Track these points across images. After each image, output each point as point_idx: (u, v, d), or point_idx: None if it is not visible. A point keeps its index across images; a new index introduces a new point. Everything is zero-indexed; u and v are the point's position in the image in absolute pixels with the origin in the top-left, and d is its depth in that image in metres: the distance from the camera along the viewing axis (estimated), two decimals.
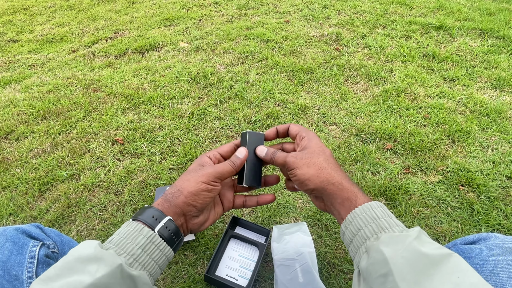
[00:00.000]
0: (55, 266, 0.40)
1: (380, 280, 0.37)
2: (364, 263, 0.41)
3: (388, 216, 0.43)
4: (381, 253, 0.38)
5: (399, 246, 0.38)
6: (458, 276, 0.34)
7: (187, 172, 0.51)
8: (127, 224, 0.46)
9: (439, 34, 1.90)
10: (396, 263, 0.36)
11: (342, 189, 0.47)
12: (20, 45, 2.11)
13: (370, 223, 0.43)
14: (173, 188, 0.49)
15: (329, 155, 0.51)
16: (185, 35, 2.00)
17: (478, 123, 1.31)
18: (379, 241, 0.40)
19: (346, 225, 0.46)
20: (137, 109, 1.41)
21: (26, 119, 1.36)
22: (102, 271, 0.39)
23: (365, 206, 0.44)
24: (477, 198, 1.05)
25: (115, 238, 0.44)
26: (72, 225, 0.99)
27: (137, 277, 0.42)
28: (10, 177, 1.12)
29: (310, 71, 1.60)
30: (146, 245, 0.44)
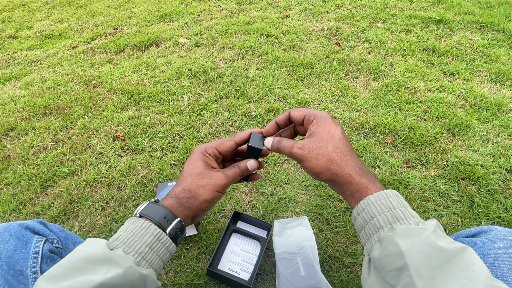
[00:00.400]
0: (62, 265, 0.40)
1: (395, 273, 0.37)
2: (376, 253, 0.40)
3: (403, 206, 0.42)
4: (397, 245, 0.37)
5: (415, 240, 0.37)
6: (473, 270, 0.34)
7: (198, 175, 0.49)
8: (133, 221, 0.46)
9: (439, 28, 1.89)
10: (413, 258, 0.36)
11: (351, 181, 0.45)
12: (19, 41, 2.10)
13: (385, 211, 0.41)
14: (186, 193, 0.49)
15: (339, 139, 0.47)
16: (185, 30, 1.99)
17: (478, 117, 1.31)
18: (395, 232, 0.39)
19: (358, 211, 0.44)
20: (137, 105, 1.41)
21: (26, 115, 1.36)
22: (112, 272, 0.39)
23: (380, 194, 0.43)
24: (477, 191, 1.05)
25: (122, 235, 0.45)
26: (74, 221, 0.99)
27: (147, 276, 0.42)
28: (12, 173, 1.13)
29: (310, 66, 1.60)
30: (153, 243, 0.44)
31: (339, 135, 0.48)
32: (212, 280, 0.85)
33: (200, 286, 0.85)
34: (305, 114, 0.51)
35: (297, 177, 1.10)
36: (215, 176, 0.50)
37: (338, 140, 0.47)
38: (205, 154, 0.52)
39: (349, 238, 0.94)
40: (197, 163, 0.51)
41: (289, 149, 0.49)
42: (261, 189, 1.07)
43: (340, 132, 0.48)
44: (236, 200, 1.04)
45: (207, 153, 0.52)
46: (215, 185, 0.49)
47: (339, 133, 0.48)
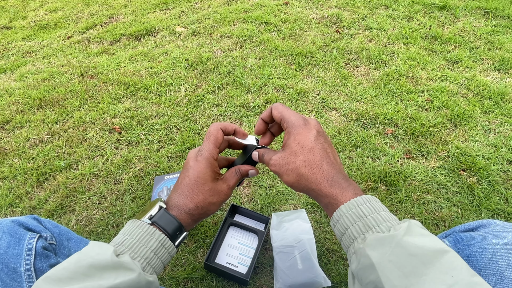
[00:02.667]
0: (67, 268, 0.39)
1: (371, 286, 0.36)
2: (354, 267, 0.39)
3: (375, 212, 0.40)
4: (368, 258, 0.36)
5: (386, 249, 0.36)
6: (453, 276, 0.33)
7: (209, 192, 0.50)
8: (138, 225, 0.46)
9: (442, 14, 1.84)
10: (384, 269, 0.35)
11: (321, 195, 0.44)
12: (13, 32, 2.07)
13: (357, 221, 0.40)
14: (199, 210, 0.50)
15: (309, 150, 0.45)
16: (182, 19, 1.95)
17: (481, 106, 1.29)
18: (366, 243, 0.37)
19: (333, 223, 0.43)
20: (133, 97, 1.39)
21: (22, 108, 1.35)
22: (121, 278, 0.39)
23: (351, 203, 0.41)
24: (478, 182, 1.04)
25: (126, 240, 0.44)
26: (71, 214, 0.99)
27: (152, 282, 0.43)
28: (8, 167, 1.12)
29: (309, 55, 1.57)
30: (157, 249, 0.45)
31: (308, 144, 0.46)
32: (210, 274, 0.85)
33: (198, 279, 0.85)
34: (281, 118, 0.50)
35: None
36: (222, 190, 0.51)
37: (308, 152, 0.45)
38: (213, 163, 0.51)
39: None
40: (207, 176, 0.50)
41: (267, 161, 0.50)
42: (259, 182, 1.06)
43: (311, 140, 0.46)
44: (233, 193, 1.03)
45: (214, 159, 0.52)
46: (224, 201, 0.52)
47: (310, 142, 0.46)
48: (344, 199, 0.42)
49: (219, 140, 0.52)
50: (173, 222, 0.47)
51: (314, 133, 0.47)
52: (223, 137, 0.53)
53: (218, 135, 0.52)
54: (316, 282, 0.78)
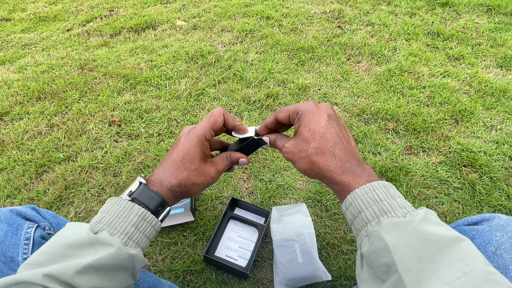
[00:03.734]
0: (44, 252, 0.39)
1: (383, 269, 0.36)
2: (365, 249, 0.39)
3: (391, 197, 0.40)
4: (383, 240, 0.35)
5: (401, 233, 0.35)
6: (468, 263, 0.32)
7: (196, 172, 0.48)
8: (115, 202, 0.45)
9: (444, 10, 1.83)
10: (398, 252, 0.34)
11: (333, 182, 0.44)
12: (12, 24, 2.05)
13: (372, 205, 0.40)
14: (182, 187, 0.48)
15: (320, 136, 0.44)
16: (182, 12, 1.93)
17: (483, 103, 1.28)
18: (381, 227, 0.37)
19: (346, 205, 0.43)
20: (133, 90, 1.37)
21: (20, 100, 1.33)
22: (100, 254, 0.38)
23: (367, 186, 0.41)
24: (480, 178, 1.03)
25: (105, 217, 0.43)
26: (70, 207, 0.98)
27: (135, 255, 0.42)
28: (6, 159, 1.11)
29: (311, 50, 1.56)
30: (138, 223, 0.44)
31: (320, 130, 0.45)
32: (209, 267, 0.85)
33: (197, 272, 0.84)
34: (289, 113, 0.49)
35: None
36: (209, 173, 0.49)
37: (319, 138, 0.45)
38: (204, 142, 0.49)
39: (347, 225, 0.93)
40: (195, 155, 0.48)
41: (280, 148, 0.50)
42: (259, 176, 1.05)
43: (323, 125, 0.45)
44: (233, 186, 1.02)
45: (207, 139, 0.49)
46: (207, 183, 0.50)
47: (321, 127, 0.45)
48: (357, 185, 0.42)
49: (218, 125, 0.50)
50: (154, 198, 0.46)
51: (325, 117, 0.46)
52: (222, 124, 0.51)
53: (219, 119, 0.50)
54: (316, 275, 0.77)
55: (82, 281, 0.37)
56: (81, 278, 0.37)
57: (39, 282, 0.35)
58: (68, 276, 0.36)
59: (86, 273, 0.37)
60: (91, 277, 0.38)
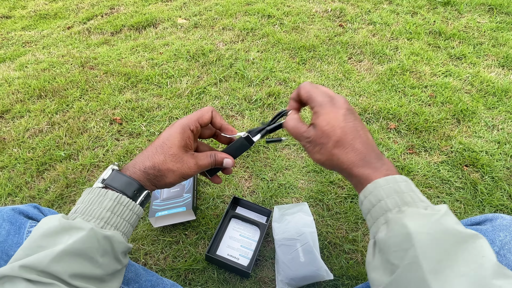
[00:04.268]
0: (22, 248, 0.39)
1: (400, 254, 0.36)
2: (382, 235, 0.39)
3: (412, 191, 0.41)
4: (405, 227, 0.36)
5: (424, 222, 0.36)
6: (484, 256, 0.33)
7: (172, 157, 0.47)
8: (89, 191, 0.45)
9: (446, 10, 1.82)
10: (420, 240, 0.35)
11: (352, 174, 0.44)
12: (13, 21, 2.04)
13: (393, 195, 0.40)
14: (155, 171, 0.47)
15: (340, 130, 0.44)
16: (183, 10, 1.93)
17: (484, 103, 1.28)
18: (403, 214, 0.38)
19: (365, 194, 0.43)
20: (134, 88, 1.37)
21: (21, 98, 1.33)
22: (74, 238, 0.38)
23: (390, 177, 0.41)
24: (481, 178, 1.03)
25: (79, 207, 0.43)
26: (71, 205, 0.98)
27: (111, 236, 0.41)
28: (7, 157, 1.11)
29: (312, 49, 1.55)
30: (114, 207, 0.43)
31: (339, 124, 0.45)
32: (211, 265, 0.85)
33: (199, 271, 0.84)
34: (308, 98, 0.48)
35: (298, 163, 1.08)
36: (187, 163, 0.48)
37: (340, 132, 0.44)
38: (187, 131, 0.49)
39: (349, 225, 0.93)
40: (175, 141, 0.48)
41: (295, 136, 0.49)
42: (261, 175, 1.05)
43: (341, 119, 0.45)
44: (235, 185, 1.02)
45: (190, 129, 0.49)
46: (184, 173, 0.48)
47: (340, 121, 0.45)
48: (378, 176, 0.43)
49: (204, 119, 0.51)
50: (127, 182, 0.45)
51: (343, 112, 0.46)
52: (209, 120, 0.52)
53: (206, 114, 0.51)
54: (318, 275, 0.77)
55: (59, 268, 0.37)
56: (58, 264, 0.37)
57: (16, 274, 0.35)
58: (45, 264, 0.36)
59: (63, 259, 0.37)
60: (69, 262, 0.37)
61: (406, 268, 0.35)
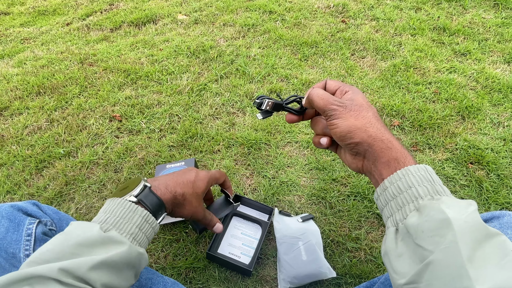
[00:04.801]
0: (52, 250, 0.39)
1: (436, 239, 0.35)
2: (414, 220, 0.38)
3: (442, 184, 0.41)
4: (443, 212, 0.36)
5: (462, 211, 0.36)
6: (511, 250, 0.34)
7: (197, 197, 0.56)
8: (119, 203, 0.46)
9: (450, 5, 1.80)
10: (460, 226, 0.35)
11: (391, 147, 0.43)
12: (11, 18, 2.03)
13: (425, 183, 0.40)
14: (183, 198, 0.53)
15: (376, 112, 0.46)
16: (183, 6, 1.90)
17: (490, 99, 1.26)
18: (440, 201, 0.38)
19: (392, 180, 0.42)
20: (134, 85, 1.36)
21: (20, 94, 1.32)
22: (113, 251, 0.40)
23: (420, 166, 0.41)
24: (487, 176, 1.02)
25: (109, 218, 0.44)
26: (71, 203, 0.97)
27: (143, 254, 0.45)
28: (6, 154, 1.09)
29: (314, 45, 1.53)
30: (141, 224, 0.46)
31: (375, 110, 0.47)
32: (212, 264, 0.84)
33: (200, 269, 0.83)
34: (340, 85, 0.50)
35: (300, 160, 1.06)
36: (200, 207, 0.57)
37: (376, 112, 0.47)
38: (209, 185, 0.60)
39: (352, 223, 0.92)
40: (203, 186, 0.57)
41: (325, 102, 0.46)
42: (263, 172, 1.03)
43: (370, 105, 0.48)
44: (236, 183, 1.01)
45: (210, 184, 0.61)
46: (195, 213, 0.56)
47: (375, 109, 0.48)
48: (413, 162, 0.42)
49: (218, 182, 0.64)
50: (159, 204, 0.50)
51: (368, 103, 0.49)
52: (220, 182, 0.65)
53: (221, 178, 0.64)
54: (321, 273, 0.76)
55: (95, 276, 0.38)
56: (95, 273, 0.38)
57: (54, 276, 0.35)
58: (83, 271, 0.37)
59: (99, 269, 0.39)
60: (103, 272, 0.39)
61: (443, 252, 0.34)
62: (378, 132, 0.44)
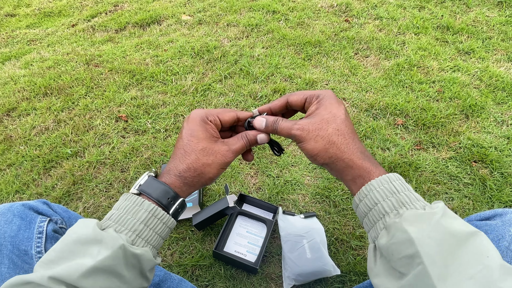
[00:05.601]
0: (55, 249, 0.39)
1: (405, 261, 0.35)
2: (384, 241, 0.38)
3: (407, 190, 0.40)
4: (406, 232, 0.35)
5: (425, 225, 0.35)
6: (488, 256, 0.33)
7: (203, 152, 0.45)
8: (126, 198, 0.43)
9: (454, 3, 1.80)
10: (423, 245, 0.34)
11: (352, 166, 0.42)
12: (17, 19, 2.05)
13: (389, 197, 0.39)
14: (191, 172, 0.44)
15: (341, 121, 0.44)
16: (187, 7, 1.92)
17: (493, 98, 1.26)
18: (402, 218, 0.37)
19: (360, 197, 0.42)
20: (139, 85, 1.37)
21: (27, 95, 1.34)
22: (104, 253, 0.37)
23: (383, 178, 0.40)
24: (490, 174, 1.02)
25: (114, 213, 0.42)
26: (78, 202, 0.98)
27: (140, 255, 0.40)
28: (14, 154, 1.11)
29: (318, 44, 1.54)
30: (148, 220, 0.42)
31: (341, 116, 0.44)
32: (218, 262, 0.85)
33: (206, 267, 0.84)
34: (305, 97, 0.47)
35: (304, 159, 1.07)
36: (221, 152, 0.45)
37: (340, 122, 0.44)
38: (207, 122, 0.46)
39: (356, 221, 0.92)
40: (199, 134, 0.45)
41: (287, 130, 0.45)
42: (267, 171, 1.04)
43: (343, 113, 0.45)
44: (241, 182, 1.02)
45: (209, 120, 0.46)
46: (222, 163, 0.45)
47: (342, 114, 0.45)
48: (377, 174, 0.41)
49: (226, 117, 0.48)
50: (163, 190, 0.43)
51: (345, 107, 0.46)
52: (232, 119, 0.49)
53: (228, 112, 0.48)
54: (325, 270, 0.77)
55: (88, 284, 0.36)
56: (87, 280, 0.36)
57: (45, 284, 0.35)
58: (74, 279, 0.35)
59: (91, 275, 0.36)
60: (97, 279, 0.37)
61: (415, 277, 0.34)
62: (337, 151, 0.43)
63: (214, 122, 0.47)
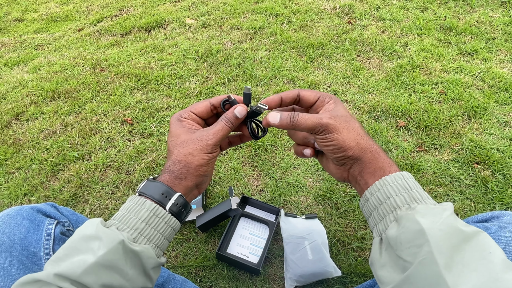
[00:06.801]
0: (64, 247, 0.41)
1: (413, 250, 0.36)
2: (393, 232, 0.39)
3: (419, 188, 0.42)
4: (418, 223, 0.37)
5: (436, 219, 0.37)
6: (490, 252, 0.34)
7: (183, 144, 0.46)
8: (130, 199, 0.46)
9: (457, 4, 1.79)
10: (434, 235, 0.36)
11: (378, 158, 0.44)
12: (25, 24, 2.09)
13: (402, 192, 0.41)
14: (177, 164, 0.46)
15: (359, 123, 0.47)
16: (191, 11, 1.94)
17: (496, 99, 1.26)
18: (415, 211, 0.38)
19: (372, 191, 0.43)
20: (144, 89, 1.39)
21: (35, 100, 1.37)
22: (104, 249, 0.39)
23: (397, 175, 0.42)
24: (492, 176, 1.02)
25: (118, 214, 0.45)
26: (85, 204, 1.01)
27: (140, 252, 0.41)
28: (22, 158, 1.14)
29: (321, 47, 1.55)
30: (149, 218, 0.43)
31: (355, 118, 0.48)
32: (221, 263, 0.86)
33: (209, 268, 0.86)
34: (318, 95, 0.48)
35: (306, 162, 1.08)
36: (200, 138, 0.46)
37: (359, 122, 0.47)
38: (181, 119, 0.48)
39: (358, 223, 0.93)
40: (177, 132, 0.47)
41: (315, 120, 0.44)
42: (269, 174, 1.06)
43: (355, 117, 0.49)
44: (244, 184, 1.04)
45: (183, 117, 0.49)
46: (203, 147, 0.46)
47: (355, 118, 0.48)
48: (392, 170, 0.43)
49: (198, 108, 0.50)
50: (156, 186, 0.45)
51: None
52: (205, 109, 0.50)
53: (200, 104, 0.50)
54: (326, 271, 0.78)
55: (90, 280, 0.38)
56: (89, 276, 0.38)
57: (51, 281, 0.36)
58: (77, 275, 0.37)
59: (94, 271, 0.38)
60: (100, 274, 0.38)
61: (421, 264, 0.35)
62: (367, 143, 0.44)
63: (190, 117, 0.49)
